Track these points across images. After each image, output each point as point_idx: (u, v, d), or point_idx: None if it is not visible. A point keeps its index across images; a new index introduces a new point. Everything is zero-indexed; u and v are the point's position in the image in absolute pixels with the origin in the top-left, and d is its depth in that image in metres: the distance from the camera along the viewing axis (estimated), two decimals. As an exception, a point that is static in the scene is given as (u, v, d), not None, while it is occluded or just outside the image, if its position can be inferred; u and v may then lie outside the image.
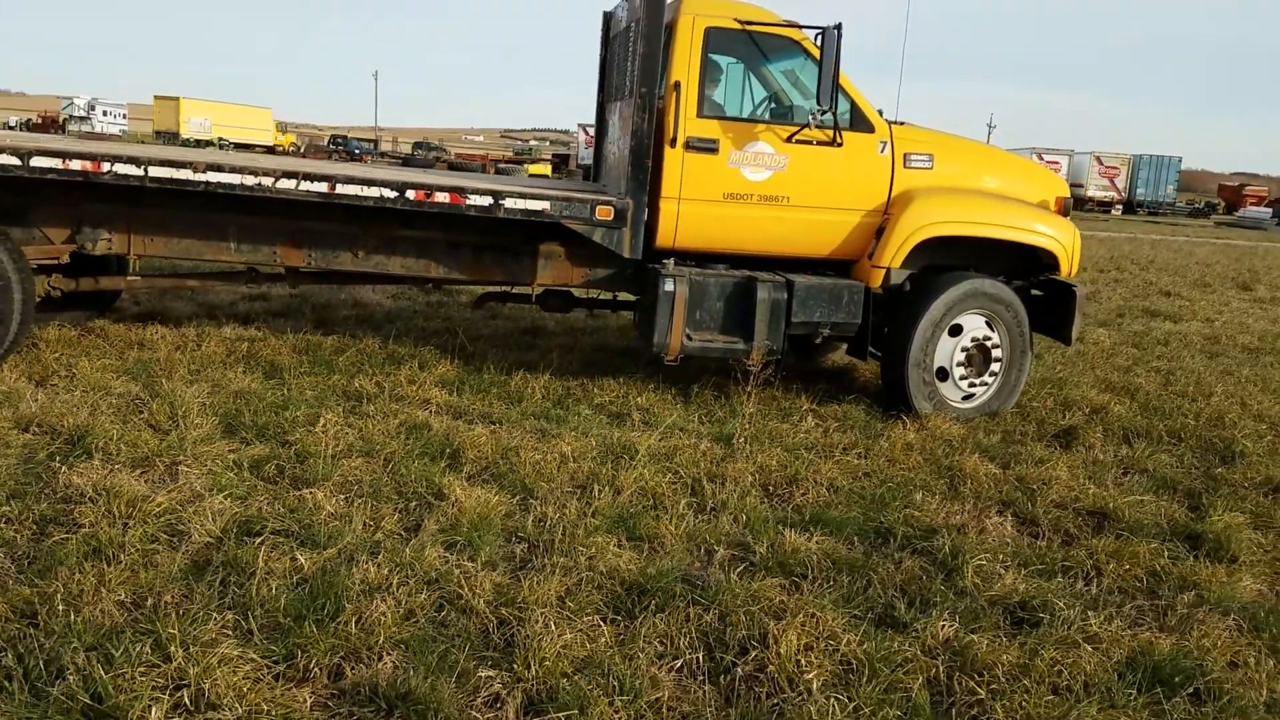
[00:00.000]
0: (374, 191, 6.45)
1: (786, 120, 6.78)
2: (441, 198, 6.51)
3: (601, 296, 7.93)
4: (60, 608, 3.40)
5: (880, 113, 6.98)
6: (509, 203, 6.55)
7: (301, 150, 66.25)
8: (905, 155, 6.90)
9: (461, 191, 6.54)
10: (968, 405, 6.97)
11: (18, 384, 6.00)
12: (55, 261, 6.79)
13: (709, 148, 6.62)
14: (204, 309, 8.94)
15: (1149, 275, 18.22)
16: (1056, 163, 58.59)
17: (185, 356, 6.98)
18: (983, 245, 6.97)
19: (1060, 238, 6.96)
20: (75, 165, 6.17)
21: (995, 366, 6.93)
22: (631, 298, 7.62)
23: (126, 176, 6.22)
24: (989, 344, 6.91)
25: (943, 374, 6.89)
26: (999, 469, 5.93)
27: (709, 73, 6.78)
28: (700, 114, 6.64)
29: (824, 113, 6.50)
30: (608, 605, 3.84)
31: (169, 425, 5.46)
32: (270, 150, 62.42)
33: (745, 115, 6.98)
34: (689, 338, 6.67)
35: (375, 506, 4.61)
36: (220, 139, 60.51)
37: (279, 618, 3.51)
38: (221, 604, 3.57)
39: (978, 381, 6.95)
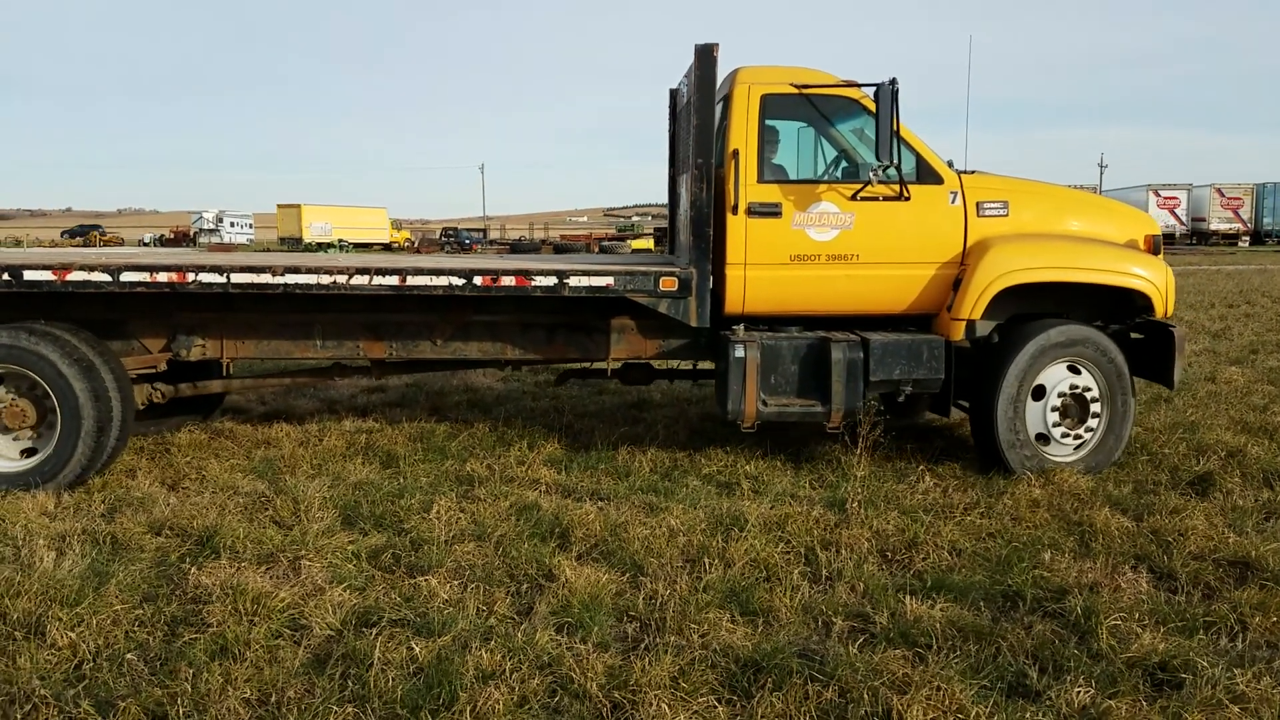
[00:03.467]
0: (443, 280, 6.58)
1: (856, 178, 6.74)
2: (508, 281, 6.60)
3: (682, 367, 7.92)
4: (189, 708, 3.50)
5: (950, 164, 6.88)
6: (573, 280, 6.61)
7: (416, 245, 68.74)
8: (978, 204, 6.75)
9: (527, 274, 6.63)
10: (1072, 457, 6.64)
11: (152, 489, 6.30)
12: (153, 370, 7.06)
13: (771, 212, 6.65)
14: (325, 404, 9.28)
15: (1285, 305, 17.26)
16: (1175, 198, 56.48)
17: (308, 452, 7.24)
18: (1071, 291, 6.73)
19: (1151, 277, 6.65)
20: (162, 278, 6.47)
21: (1095, 410, 6.61)
22: (711, 366, 7.59)
23: (210, 285, 6.49)
24: (1085, 392, 6.60)
25: (1042, 438, 6.64)
26: (1131, 522, 5.63)
27: (768, 139, 6.83)
28: (761, 179, 6.69)
29: (885, 168, 6.45)
30: (722, 684, 3.75)
31: (292, 520, 5.64)
32: (387, 247, 65.09)
33: (818, 177, 6.96)
34: (764, 403, 6.57)
35: (488, 591, 4.64)
36: (340, 240, 63.30)
37: (396, 709, 3.55)
38: (341, 697, 3.63)
39: (1081, 431, 6.62)
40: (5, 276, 6.38)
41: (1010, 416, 6.53)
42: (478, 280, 6.59)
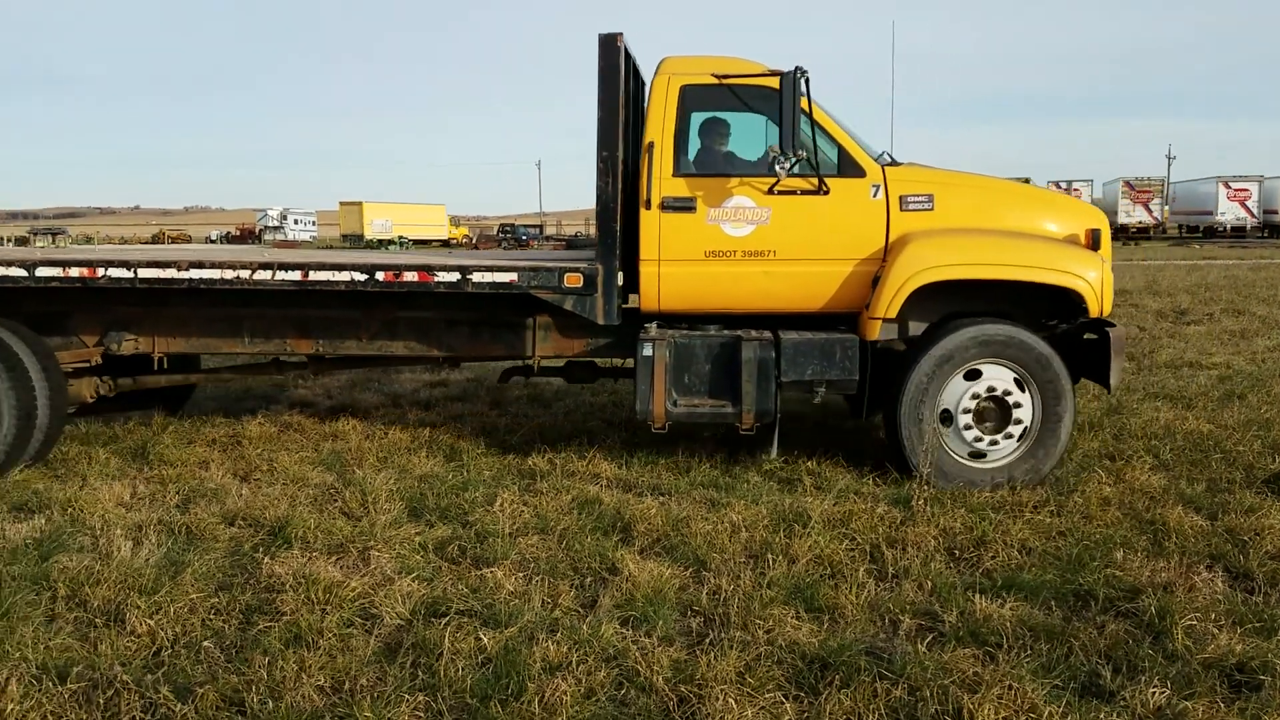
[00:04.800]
0: (345, 275, 6.57)
1: (770, 172, 6.43)
2: (410, 276, 6.56)
3: (629, 364, 7.73)
4: (265, 695, 3.58)
5: (883, 155, 6.70)
6: (476, 276, 6.54)
7: (474, 241, 69.41)
8: (901, 197, 6.47)
9: (429, 269, 6.58)
10: (986, 465, 6.30)
11: (224, 480, 6.45)
12: (88, 364, 7.14)
13: (685, 207, 6.46)
14: (389, 398, 9.42)
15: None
16: (1246, 190, 54.86)
17: (373, 445, 7.35)
18: (1007, 290, 6.44)
19: (1082, 273, 6.25)
20: (74, 273, 6.58)
21: (1019, 416, 6.23)
22: None
23: (119, 279, 6.58)
24: (1005, 396, 6.24)
25: (947, 417, 6.28)
26: (1205, 520, 5.49)
27: (685, 131, 6.63)
28: (677, 173, 6.52)
29: (790, 161, 6.17)
30: (789, 680, 3.73)
31: (360, 512, 5.74)
32: (445, 244, 65.77)
33: (736, 170, 6.68)
34: (674, 403, 6.41)
35: (552, 583, 4.68)
36: (400, 237, 64.13)
37: (466, 698, 3.59)
38: (413, 686, 3.68)
39: (999, 438, 6.26)
40: None
41: (915, 419, 6.23)
42: (380, 275, 6.57)
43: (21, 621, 4.15)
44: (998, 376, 6.26)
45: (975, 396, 6.26)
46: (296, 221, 75.39)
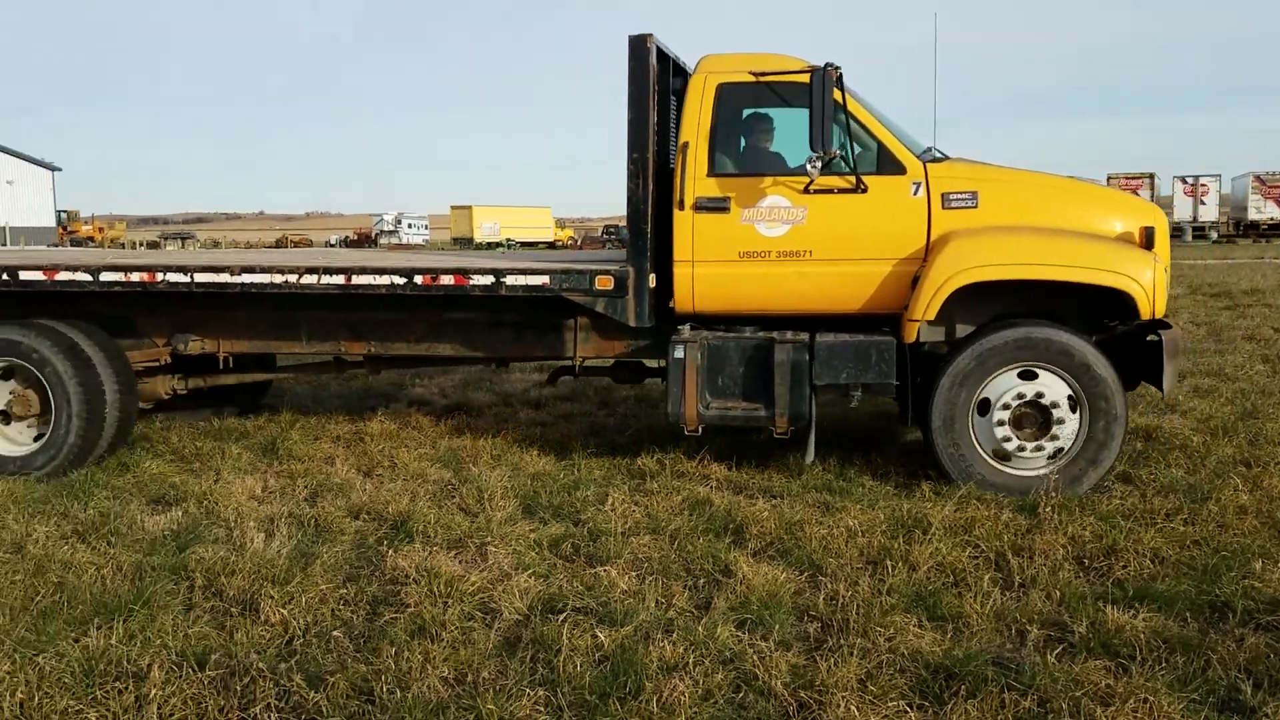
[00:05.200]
0: (385, 279, 6.71)
1: (803, 171, 6.27)
2: (446, 280, 6.65)
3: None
4: (392, 685, 3.68)
5: (930, 150, 6.49)
6: (510, 280, 6.59)
7: (579, 243, 70.08)
8: (943, 195, 6.25)
9: (465, 272, 6.65)
10: (1012, 469, 6.10)
11: (349, 475, 6.66)
12: (157, 363, 7.45)
13: (719, 207, 6.37)
14: (501, 397, 9.58)
15: None
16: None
17: (487, 443, 7.48)
18: (1058, 291, 6.14)
19: (1131, 273, 5.95)
20: (135, 278, 6.88)
21: (1059, 418, 5.98)
22: None
23: (176, 284, 6.87)
24: (1041, 399, 5.99)
25: (984, 406, 6.08)
26: (1357, 531, 5.18)
27: (721, 130, 6.53)
28: (711, 173, 6.43)
29: (820, 159, 6.02)
30: (913, 689, 3.66)
31: (477, 508, 5.86)
32: (551, 246, 66.59)
33: (783, 169, 6.56)
34: (706, 406, 6.33)
35: (666, 584, 4.69)
36: (508, 240, 65.19)
37: (585, 695, 3.63)
38: (533, 680, 3.73)
39: (1045, 442, 6.02)
40: (4, 276, 6.95)
41: (947, 423, 6.06)
42: (418, 279, 6.67)
43: (161, 610, 4.36)
44: (1050, 386, 6.01)
45: (1020, 397, 6.04)
46: (410, 226, 77.31)
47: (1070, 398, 6.00)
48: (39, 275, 6.96)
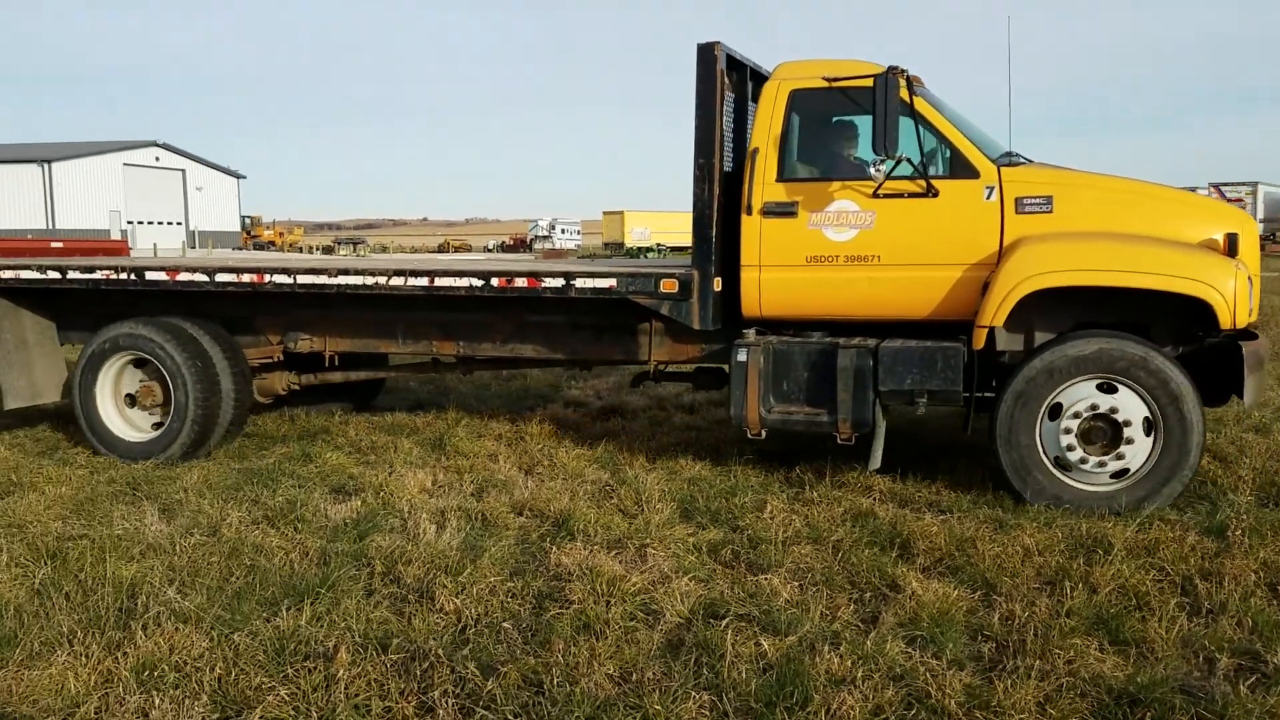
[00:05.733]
0: (464, 282, 6.95)
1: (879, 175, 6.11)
2: (520, 282, 6.85)
3: None
4: (561, 679, 3.76)
5: (1009, 154, 6.25)
6: (579, 282, 6.73)
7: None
8: (1017, 199, 6.02)
9: (537, 275, 6.83)
10: (1109, 487, 5.83)
11: (511, 473, 6.85)
12: (273, 360, 7.88)
13: (787, 212, 6.30)
14: (655, 400, 9.66)
15: None
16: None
17: (642, 445, 7.56)
18: (1135, 299, 5.84)
19: (1211, 280, 5.62)
20: (246, 279, 7.30)
21: (1130, 436, 5.74)
22: None
23: (281, 285, 7.25)
24: (1114, 414, 5.74)
25: (1055, 411, 5.88)
26: None
27: (792, 135, 6.44)
28: (781, 178, 6.33)
29: (885, 163, 5.89)
30: (1094, 714, 3.50)
31: (635, 510, 5.92)
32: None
33: (852, 173, 6.47)
34: (769, 410, 6.26)
35: (830, 595, 4.63)
36: (658, 244, 65.63)
37: (750, 702, 3.61)
38: (697, 684, 3.74)
39: (1111, 459, 5.79)
40: (130, 276, 7.46)
41: (1010, 440, 5.91)
42: (494, 282, 6.88)
43: (345, 594, 4.58)
44: (1125, 404, 5.76)
45: (1093, 408, 5.80)
46: (563, 231, 78.82)
47: (1147, 419, 5.77)
48: (162, 275, 7.53)
